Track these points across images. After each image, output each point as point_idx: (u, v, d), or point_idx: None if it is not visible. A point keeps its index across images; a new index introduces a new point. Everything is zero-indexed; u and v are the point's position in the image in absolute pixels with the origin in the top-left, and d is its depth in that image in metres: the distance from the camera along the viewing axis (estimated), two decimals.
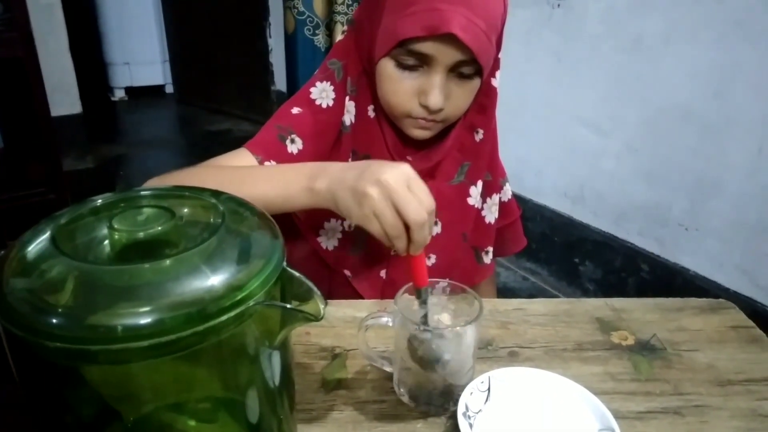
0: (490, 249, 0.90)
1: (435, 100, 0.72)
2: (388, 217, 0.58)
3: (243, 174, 0.70)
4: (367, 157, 0.80)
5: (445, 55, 0.70)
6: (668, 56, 1.70)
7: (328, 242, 0.82)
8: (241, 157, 0.76)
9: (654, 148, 1.80)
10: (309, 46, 2.43)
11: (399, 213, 0.58)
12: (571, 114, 2.02)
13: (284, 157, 0.77)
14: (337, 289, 0.83)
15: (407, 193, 0.58)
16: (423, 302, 0.60)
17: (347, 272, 0.83)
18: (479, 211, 0.87)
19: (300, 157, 0.78)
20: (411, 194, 0.58)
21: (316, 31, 2.40)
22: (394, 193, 0.57)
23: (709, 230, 1.70)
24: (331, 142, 0.80)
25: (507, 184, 0.94)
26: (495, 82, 0.80)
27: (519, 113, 2.17)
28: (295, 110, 0.80)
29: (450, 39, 0.67)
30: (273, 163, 0.76)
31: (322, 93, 0.80)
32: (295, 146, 0.78)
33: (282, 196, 0.66)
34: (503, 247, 0.96)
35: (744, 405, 0.61)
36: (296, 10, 2.36)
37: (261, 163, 0.75)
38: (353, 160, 0.81)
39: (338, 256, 0.83)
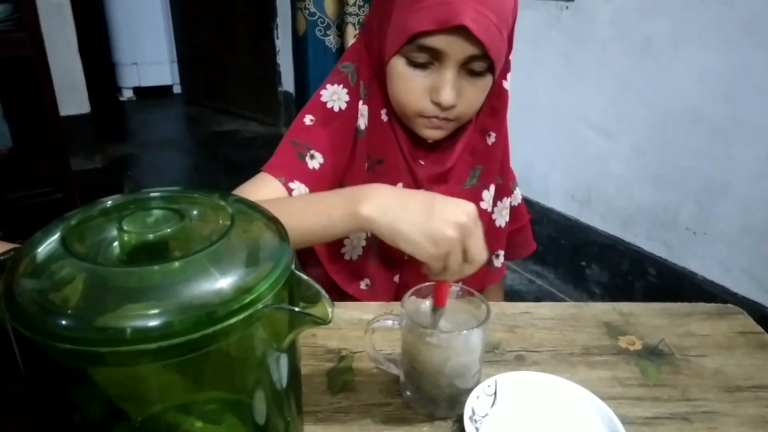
0: (501, 252, 0.90)
1: (447, 96, 0.71)
2: (458, 257, 0.59)
3: (281, 206, 0.69)
4: (380, 161, 0.80)
5: (457, 49, 0.69)
6: (677, 59, 1.70)
7: (353, 252, 0.82)
8: (264, 184, 0.75)
9: (662, 151, 1.79)
10: (320, 46, 2.43)
11: (464, 252, 0.59)
12: (579, 117, 2.02)
13: (307, 174, 0.76)
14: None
15: (479, 234, 0.60)
16: (436, 319, 0.61)
17: (362, 284, 0.83)
18: (490, 214, 0.87)
19: (322, 171, 0.78)
20: (480, 236, 0.60)
21: (327, 32, 2.41)
22: (471, 234, 0.59)
23: (717, 234, 1.69)
24: (349, 149, 0.80)
25: (517, 189, 0.94)
26: (506, 84, 0.80)
27: (526, 115, 2.16)
28: (308, 120, 0.80)
29: (461, 33, 0.67)
30: (297, 183, 0.75)
31: (334, 95, 0.80)
32: (315, 161, 0.77)
33: (323, 223, 0.66)
34: (513, 251, 0.96)
35: (753, 411, 0.61)
36: (307, 11, 2.37)
37: (285, 184, 0.74)
38: (368, 164, 0.80)
39: (358, 265, 0.83)
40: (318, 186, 0.77)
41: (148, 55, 4.30)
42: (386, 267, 0.84)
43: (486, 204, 0.85)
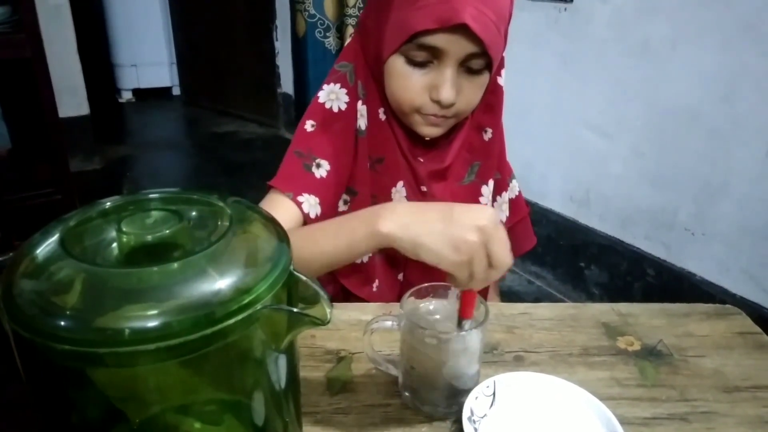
0: None
1: (447, 94, 0.72)
2: (483, 262, 0.56)
3: (303, 236, 0.69)
4: (380, 160, 0.80)
5: (457, 47, 0.70)
6: (675, 60, 1.70)
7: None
8: (275, 204, 0.75)
9: (660, 151, 1.79)
10: (320, 48, 2.45)
11: (489, 256, 0.56)
12: (577, 117, 2.02)
13: (315, 185, 0.77)
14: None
15: (502, 237, 0.57)
16: (464, 331, 0.58)
17: (374, 286, 0.83)
18: None
19: (329, 178, 0.78)
20: (503, 239, 0.57)
21: (327, 34, 2.42)
22: (492, 238, 0.56)
23: (715, 235, 1.69)
24: (351, 150, 0.80)
25: (514, 181, 0.94)
26: (501, 81, 0.81)
27: (525, 116, 2.17)
28: (309, 126, 0.80)
29: (461, 31, 0.68)
30: (306, 195, 0.76)
31: (331, 95, 0.80)
32: (322, 169, 0.78)
33: (346, 246, 0.66)
34: (515, 246, 0.96)
35: (751, 411, 0.61)
36: (307, 13, 2.38)
37: (293, 198, 0.75)
38: (369, 164, 0.81)
39: (369, 268, 0.83)
40: (327, 193, 0.78)
41: (147, 57, 4.30)
42: (390, 266, 0.84)
43: (485, 199, 0.85)
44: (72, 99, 2.84)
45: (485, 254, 0.56)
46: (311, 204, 0.76)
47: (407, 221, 0.60)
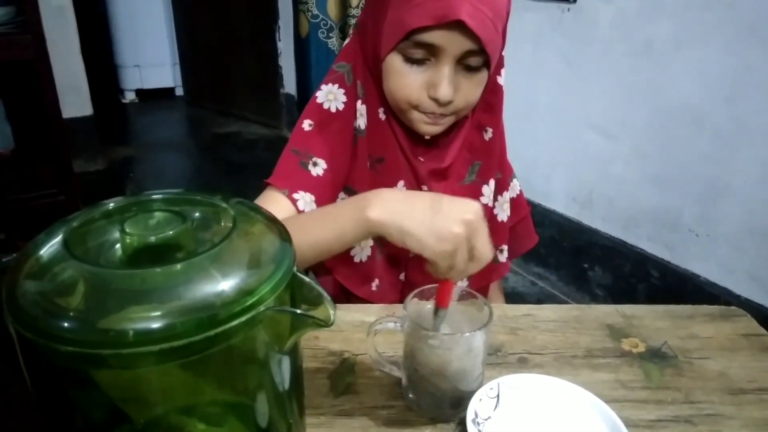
0: (505, 247, 0.90)
1: (444, 91, 0.72)
2: (464, 255, 0.58)
3: (293, 225, 0.70)
4: (381, 159, 0.80)
5: (453, 44, 0.70)
6: (679, 61, 1.69)
7: (362, 254, 0.82)
8: (271, 200, 0.76)
9: (664, 152, 1.79)
10: (323, 48, 2.45)
11: (471, 249, 0.58)
12: (581, 118, 2.02)
13: (311, 183, 0.77)
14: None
15: (485, 232, 0.59)
16: (439, 321, 0.60)
17: (373, 285, 0.83)
18: (491, 209, 0.87)
19: (326, 177, 0.78)
20: (486, 234, 0.59)
21: (330, 34, 2.42)
22: (476, 231, 0.58)
23: (719, 236, 1.69)
24: (349, 150, 0.80)
25: (515, 180, 0.94)
26: (501, 80, 0.81)
27: (528, 117, 2.16)
28: (307, 125, 0.80)
29: (458, 28, 0.68)
30: (301, 193, 0.76)
31: (329, 95, 0.80)
32: (318, 168, 0.78)
33: (335, 234, 0.67)
34: (517, 244, 0.96)
35: (757, 414, 0.61)
36: (310, 13, 2.38)
37: (289, 195, 0.75)
38: (369, 163, 0.81)
39: (368, 267, 0.83)
40: (324, 192, 0.78)
41: (151, 58, 4.31)
42: (391, 266, 0.84)
43: (486, 199, 0.85)
44: (75, 100, 2.84)
45: (468, 247, 0.58)
46: (307, 201, 0.76)
47: (395, 208, 0.62)
